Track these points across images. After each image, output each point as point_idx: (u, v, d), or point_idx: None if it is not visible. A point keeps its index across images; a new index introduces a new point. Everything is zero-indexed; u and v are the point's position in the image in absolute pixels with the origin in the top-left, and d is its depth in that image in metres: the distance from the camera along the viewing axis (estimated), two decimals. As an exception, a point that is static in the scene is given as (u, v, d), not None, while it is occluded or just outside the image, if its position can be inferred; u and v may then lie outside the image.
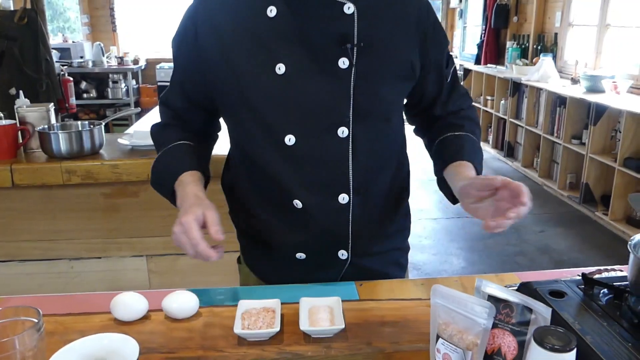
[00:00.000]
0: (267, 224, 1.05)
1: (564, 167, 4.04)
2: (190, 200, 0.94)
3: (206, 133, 1.13)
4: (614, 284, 0.91)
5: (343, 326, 0.87)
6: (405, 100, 1.08)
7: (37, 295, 1.06)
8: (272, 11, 0.94)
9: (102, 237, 1.92)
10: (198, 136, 1.09)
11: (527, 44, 5.19)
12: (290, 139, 0.95)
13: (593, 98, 3.55)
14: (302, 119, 0.95)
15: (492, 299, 0.79)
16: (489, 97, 5.34)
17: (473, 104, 1.14)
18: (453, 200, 1.04)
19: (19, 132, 1.83)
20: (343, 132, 0.95)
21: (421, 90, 1.05)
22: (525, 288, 0.93)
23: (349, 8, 0.93)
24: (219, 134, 1.16)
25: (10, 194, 1.81)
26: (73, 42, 6.72)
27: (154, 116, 3.19)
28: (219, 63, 0.97)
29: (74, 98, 5.36)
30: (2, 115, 1.92)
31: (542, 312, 0.74)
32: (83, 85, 6.51)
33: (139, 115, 4.88)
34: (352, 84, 0.94)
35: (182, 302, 0.94)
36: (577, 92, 3.85)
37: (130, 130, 2.95)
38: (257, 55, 0.94)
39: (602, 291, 0.90)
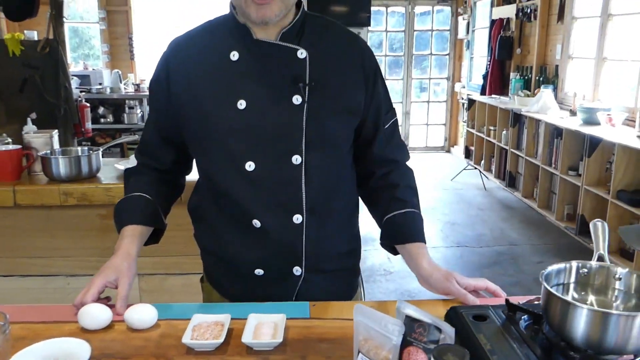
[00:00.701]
0: (229, 242, 1.15)
1: (561, 198, 4.08)
2: (117, 258, 1.11)
3: (176, 175, 1.26)
4: (535, 311, 0.98)
5: (280, 340, 0.96)
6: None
7: (17, 305, 1.16)
8: (234, 55, 1.07)
9: (96, 256, 2.03)
10: (165, 180, 1.23)
11: (530, 76, 5.28)
12: (250, 165, 1.06)
13: (588, 130, 3.61)
14: (260, 148, 1.06)
15: (408, 319, 0.87)
16: (491, 127, 5.41)
17: (478, 133, 1.26)
18: (394, 252, 1.21)
19: (24, 156, 1.98)
20: (297, 159, 1.06)
21: (360, 125, 1.15)
22: (453, 312, 1.01)
23: (302, 53, 1.06)
24: (186, 178, 1.29)
25: (12, 213, 1.95)
26: (93, 69, 7.00)
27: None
28: (187, 101, 1.09)
29: (89, 123, 5.58)
30: (10, 140, 2.07)
31: (448, 332, 0.83)
32: (101, 110, 6.74)
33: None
34: (304, 117, 1.06)
35: (141, 314, 1.03)
36: (573, 124, 3.91)
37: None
38: (220, 93, 1.07)
39: (523, 317, 0.98)
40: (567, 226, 4.06)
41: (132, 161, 2.11)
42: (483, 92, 6.08)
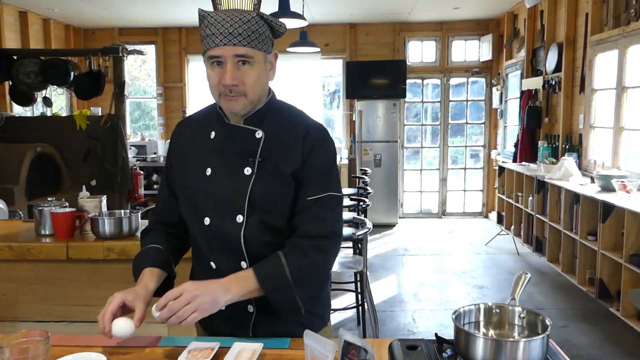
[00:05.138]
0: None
1: (582, 262, 4.14)
2: (137, 286, 1.38)
3: (182, 230, 1.54)
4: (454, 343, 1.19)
5: (252, 361, 1.22)
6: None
7: (60, 334, 1.47)
8: (212, 134, 1.43)
9: (132, 305, 2.35)
10: (174, 235, 1.54)
11: (557, 144, 5.44)
12: (207, 220, 1.39)
13: (602, 197, 3.74)
14: (214, 207, 1.38)
15: (346, 342, 1.12)
16: (519, 194, 5.55)
17: (507, 199, 1.52)
18: None
19: (77, 218, 2.36)
20: (239, 218, 1.37)
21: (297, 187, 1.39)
22: (395, 342, 1.24)
23: (259, 134, 1.40)
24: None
25: (65, 266, 2.29)
26: (149, 140, 7.68)
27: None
28: (179, 167, 1.47)
29: (142, 189, 6.11)
30: (67, 204, 2.47)
31: (371, 352, 1.07)
32: (154, 177, 7.33)
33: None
34: (250, 185, 1.36)
35: (120, 325, 1.29)
36: (591, 190, 4.04)
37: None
38: (198, 162, 1.42)
39: (448, 349, 1.20)
40: (589, 290, 4.10)
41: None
42: (515, 160, 6.26)
